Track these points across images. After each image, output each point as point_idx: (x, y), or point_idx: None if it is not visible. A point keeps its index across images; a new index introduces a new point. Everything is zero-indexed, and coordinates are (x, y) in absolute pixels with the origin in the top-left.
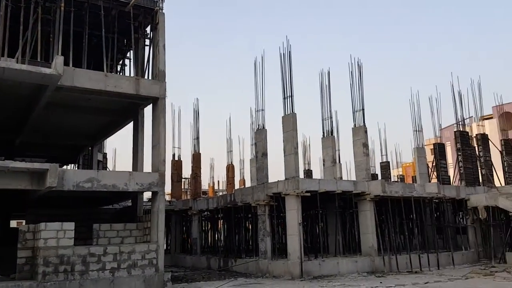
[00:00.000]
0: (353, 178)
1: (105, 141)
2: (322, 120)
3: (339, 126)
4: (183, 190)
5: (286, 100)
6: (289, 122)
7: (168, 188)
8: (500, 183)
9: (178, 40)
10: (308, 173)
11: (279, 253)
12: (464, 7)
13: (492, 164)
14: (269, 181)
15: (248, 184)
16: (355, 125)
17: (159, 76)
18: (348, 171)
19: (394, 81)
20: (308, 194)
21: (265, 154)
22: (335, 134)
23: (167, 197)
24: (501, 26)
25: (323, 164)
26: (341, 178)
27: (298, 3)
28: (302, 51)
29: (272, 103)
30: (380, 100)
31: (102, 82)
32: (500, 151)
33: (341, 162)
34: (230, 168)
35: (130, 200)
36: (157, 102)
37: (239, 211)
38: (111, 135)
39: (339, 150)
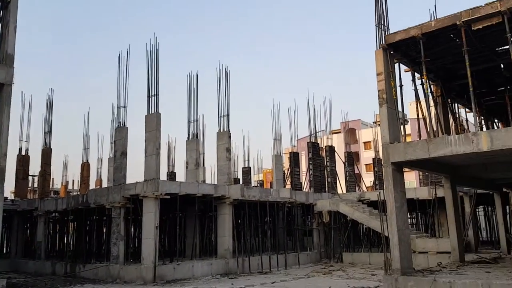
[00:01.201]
0: (216, 182)
1: None
2: (188, 122)
3: (205, 129)
4: (30, 188)
5: (150, 98)
6: (153, 121)
7: (11, 185)
8: (342, 191)
9: (34, 23)
10: (172, 175)
11: (133, 257)
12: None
13: (336, 173)
14: (128, 182)
15: (105, 184)
16: (220, 130)
17: (7, 60)
18: (213, 174)
19: (261, 91)
20: (168, 196)
21: (124, 153)
22: (200, 137)
23: (10, 196)
24: (352, 47)
25: (186, 167)
26: (204, 181)
27: (175, 4)
28: (173, 52)
29: (138, 101)
30: (247, 107)
31: None
32: (343, 162)
33: (205, 165)
34: (85, 167)
35: None
36: (2, 88)
37: (92, 213)
38: None
39: (204, 153)
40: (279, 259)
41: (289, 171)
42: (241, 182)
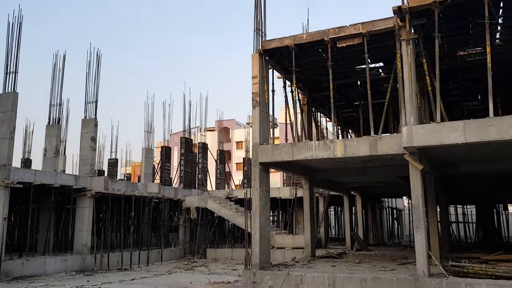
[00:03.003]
0: (78, 172)
1: None
2: (50, 105)
3: (69, 115)
4: None
5: (8, 76)
6: (8, 101)
7: None
8: (212, 188)
9: None
10: (27, 162)
11: None
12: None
13: (207, 171)
14: None
15: None
16: (85, 116)
17: None
18: (74, 164)
19: (135, 81)
20: (21, 185)
21: None
22: (63, 123)
23: None
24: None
25: (44, 154)
26: (64, 171)
27: None
28: (42, 30)
29: None
30: (118, 96)
31: None
32: (215, 160)
33: (66, 154)
34: None
35: None
36: None
37: None
38: None
39: (65, 141)
40: (141, 256)
41: (159, 166)
42: (106, 174)
